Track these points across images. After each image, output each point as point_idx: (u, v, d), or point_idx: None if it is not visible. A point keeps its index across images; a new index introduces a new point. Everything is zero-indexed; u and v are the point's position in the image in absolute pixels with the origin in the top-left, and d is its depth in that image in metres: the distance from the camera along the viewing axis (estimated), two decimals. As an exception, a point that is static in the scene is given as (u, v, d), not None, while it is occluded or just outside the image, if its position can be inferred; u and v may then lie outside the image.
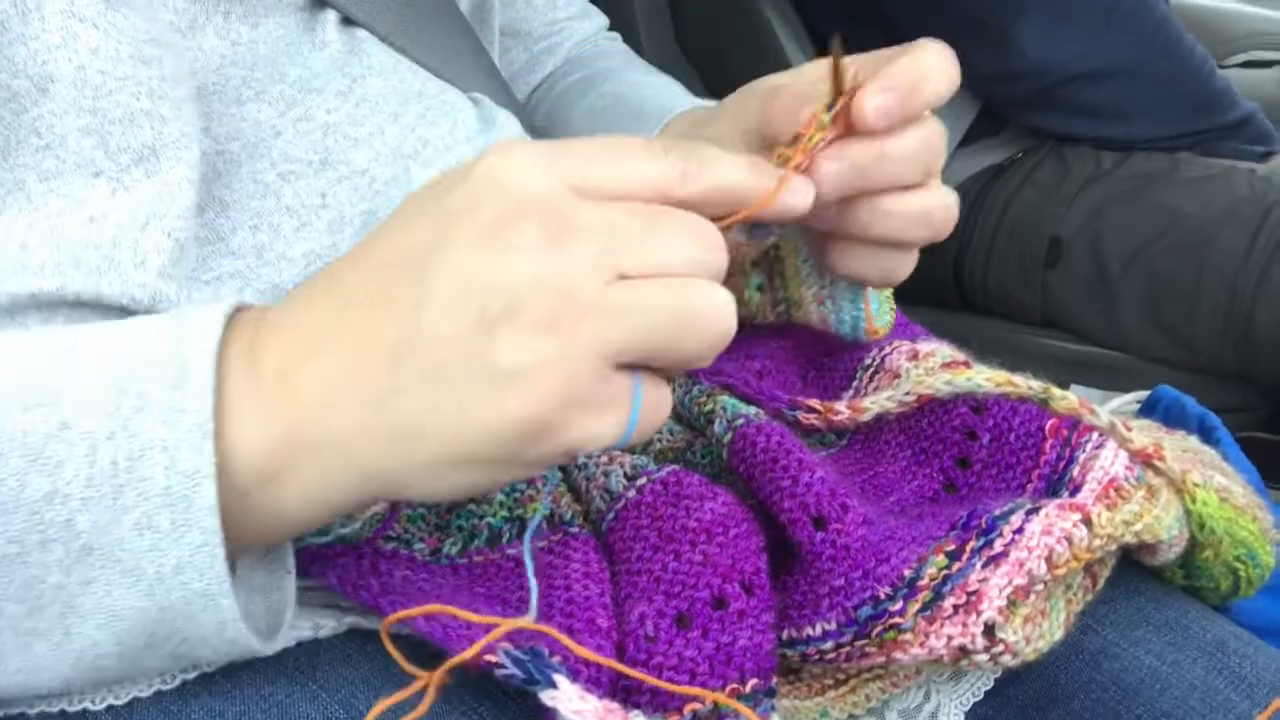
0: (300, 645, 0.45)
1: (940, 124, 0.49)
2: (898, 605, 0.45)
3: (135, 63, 0.45)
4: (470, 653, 0.38)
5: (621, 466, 0.50)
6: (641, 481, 0.49)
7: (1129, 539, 0.49)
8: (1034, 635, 0.46)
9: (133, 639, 0.39)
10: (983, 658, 0.45)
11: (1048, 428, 0.53)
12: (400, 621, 0.40)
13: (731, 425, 0.52)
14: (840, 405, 0.55)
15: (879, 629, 0.45)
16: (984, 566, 0.45)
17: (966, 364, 0.57)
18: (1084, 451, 0.52)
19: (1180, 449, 0.56)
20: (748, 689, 0.43)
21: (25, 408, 0.37)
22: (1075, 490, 0.50)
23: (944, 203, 0.50)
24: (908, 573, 0.46)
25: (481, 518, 0.49)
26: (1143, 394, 0.85)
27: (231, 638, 0.39)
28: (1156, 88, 1.37)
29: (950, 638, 0.44)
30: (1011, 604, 0.45)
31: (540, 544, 0.48)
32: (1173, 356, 1.31)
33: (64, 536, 0.37)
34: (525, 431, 0.36)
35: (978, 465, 0.54)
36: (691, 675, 0.42)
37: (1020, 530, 0.46)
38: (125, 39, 0.44)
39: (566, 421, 0.36)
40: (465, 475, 0.38)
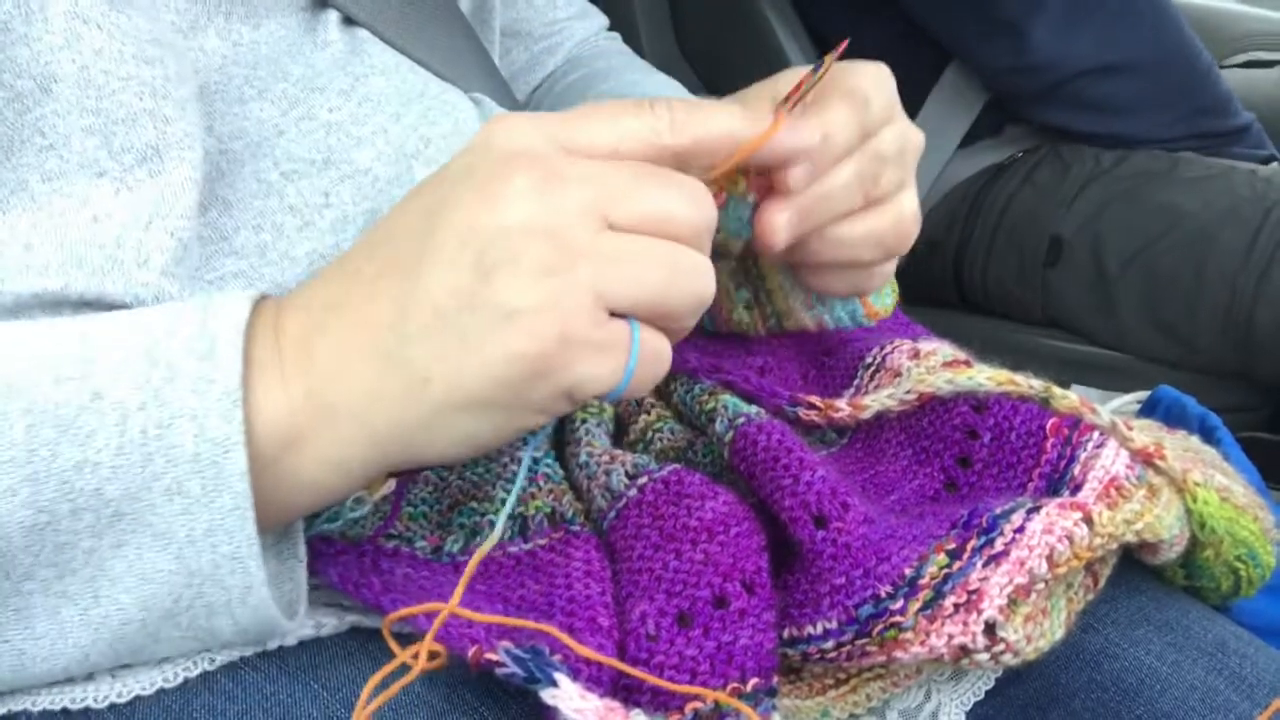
0: (302, 644, 0.46)
1: (885, 144, 0.50)
2: (899, 604, 0.45)
3: (138, 63, 0.45)
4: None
5: (623, 465, 0.50)
6: (643, 480, 0.49)
7: (1130, 538, 0.49)
8: (1035, 634, 0.46)
9: (158, 604, 0.40)
10: (983, 657, 0.45)
11: (1049, 427, 0.53)
12: (402, 620, 0.41)
13: (733, 424, 0.52)
14: (841, 402, 0.55)
15: (880, 628, 0.45)
16: (985, 565, 0.45)
17: (968, 363, 0.57)
18: (1085, 451, 0.52)
19: (1181, 448, 0.56)
20: (749, 688, 0.43)
21: (57, 380, 0.38)
22: (1076, 489, 0.50)
23: (894, 221, 0.51)
24: (909, 571, 0.46)
25: (483, 515, 0.49)
26: (1143, 394, 0.85)
27: (255, 604, 0.40)
28: (1164, 85, 1.37)
29: (951, 636, 0.44)
30: (1012, 603, 0.45)
31: (541, 542, 0.48)
32: (1173, 356, 1.31)
33: (94, 504, 0.38)
34: (526, 370, 0.38)
35: (979, 464, 0.54)
36: (693, 674, 0.42)
37: (1021, 529, 0.46)
38: (128, 39, 0.44)
39: (566, 361, 0.38)
40: (473, 422, 0.39)
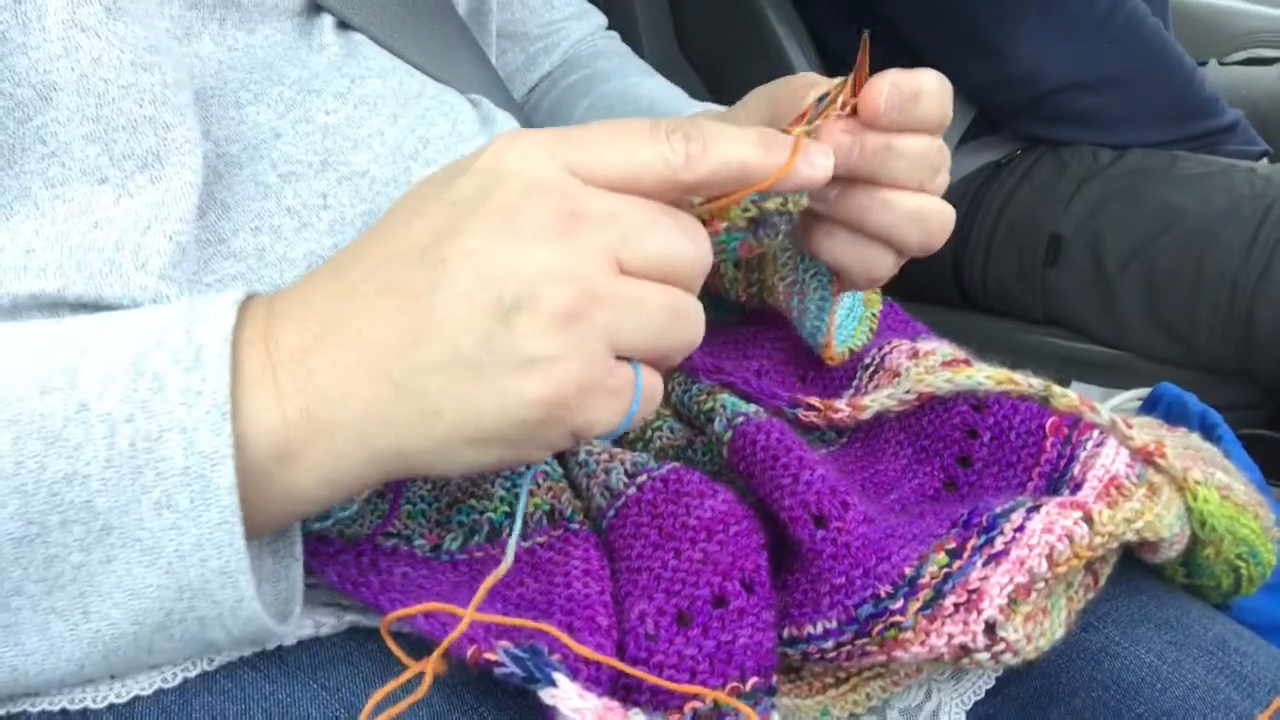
0: (301, 644, 0.45)
1: (943, 146, 0.51)
2: (898, 603, 0.45)
3: (137, 70, 0.45)
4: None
5: (622, 464, 0.50)
6: (642, 479, 0.48)
7: (1130, 537, 0.49)
8: (1035, 633, 0.46)
9: (149, 618, 0.39)
10: (984, 656, 0.45)
11: (1048, 426, 0.53)
12: (401, 619, 0.41)
13: (732, 423, 0.52)
14: (840, 403, 0.55)
15: (880, 627, 0.45)
16: (985, 565, 0.45)
17: (967, 362, 0.57)
18: (1085, 449, 0.52)
19: (1181, 446, 0.56)
20: (748, 687, 0.43)
21: (43, 391, 0.38)
22: (1076, 488, 0.50)
23: (943, 211, 0.51)
24: (909, 571, 0.46)
25: (481, 513, 0.49)
26: (1144, 391, 0.85)
27: (247, 617, 0.40)
28: (1147, 96, 1.38)
29: (951, 636, 0.44)
30: (1012, 602, 0.45)
31: (541, 540, 0.48)
32: (1173, 354, 1.31)
33: (84, 517, 0.37)
34: (542, 415, 0.38)
35: (978, 463, 0.54)
36: (692, 673, 0.42)
37: (1021, 528, 0.46)
38: (126, 47, 0.44)
39: (580, 406, 0.38)
40: (479, 454, 0.39)
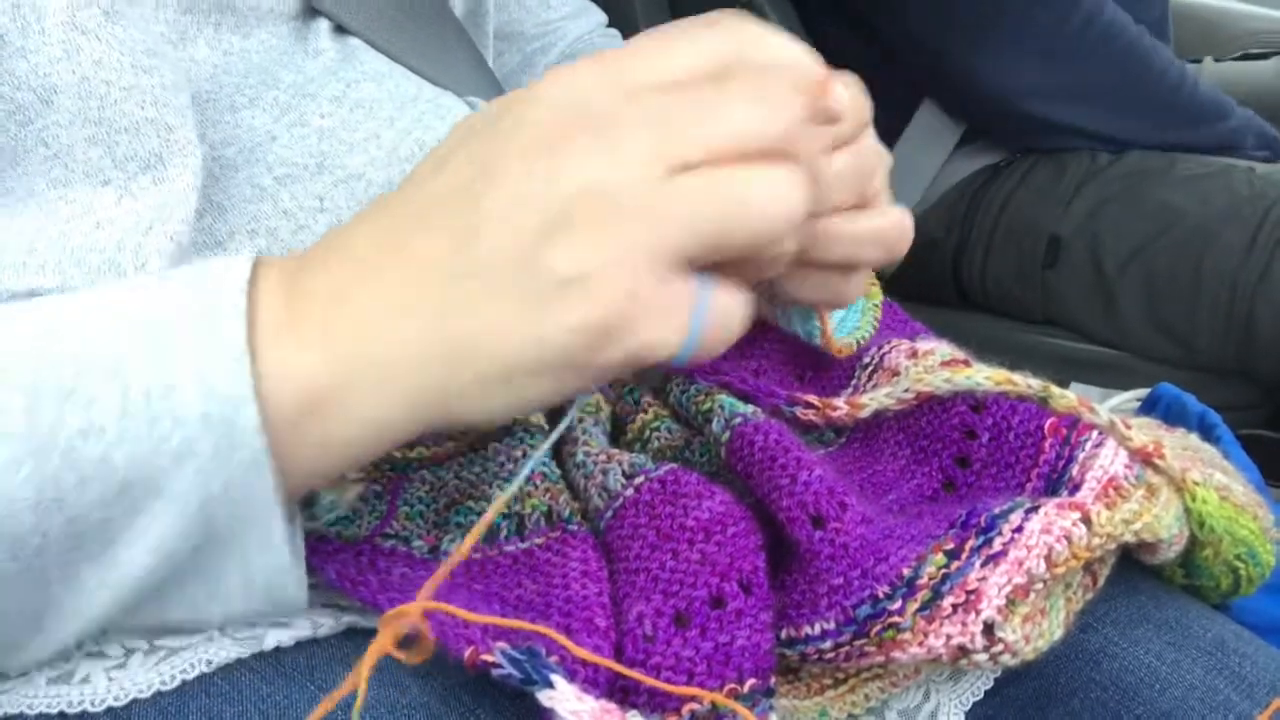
0: (298, 645, 0.45)
1: (877, 148, 0.47)
2: (896, 604, 0.45)
3: (137, 72, 0.45)
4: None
5: (620, 465, 0.50)
6: (640, 480, 0.48)
7: (1129, 538, 0.49)
8: (1033, 634, 0.46)
9: (180, 556, 0.39)
10: (982, 657, 0.45)
11: (1047, 426, 0.53)
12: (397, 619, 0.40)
13: (729, 424, 0.52)
14: (839, 401, 0.55)
15: (878, 628, 0.45)
16: (983, 565, 0.45)
17: (966, 362, 0.57)
18: (1083, 450, 0.51)
19: (1180, 447, 0.56)
20: (746, 689, 0.42)
21: (53, 354, 0.37)
22: (1075, 489, 0.50)
23: (897, 222, 0.48)
24: (906, 572, 0.45)
25: (480, 514, 0.49)
26: (1143, 392, 0.85)
27: (275, 567, 0.39)
28: (1129, 109, 1.37)
29: (949, 637, 0.44)
30: (1011, 603, 0.45)
31: (538, 541, 0.48)
32: (1172, 355, 1.31)
33: (102, 473, 0.37)
34: (588, 340, 0.36)
35: (977, 464, 0.54)
36: (689, 675, 0.42)
37: (1019, 529, 0.46)
38: (126, 50, 0.44)
39: (629, 326, 0.36)
40: (524, 390, 0.37)
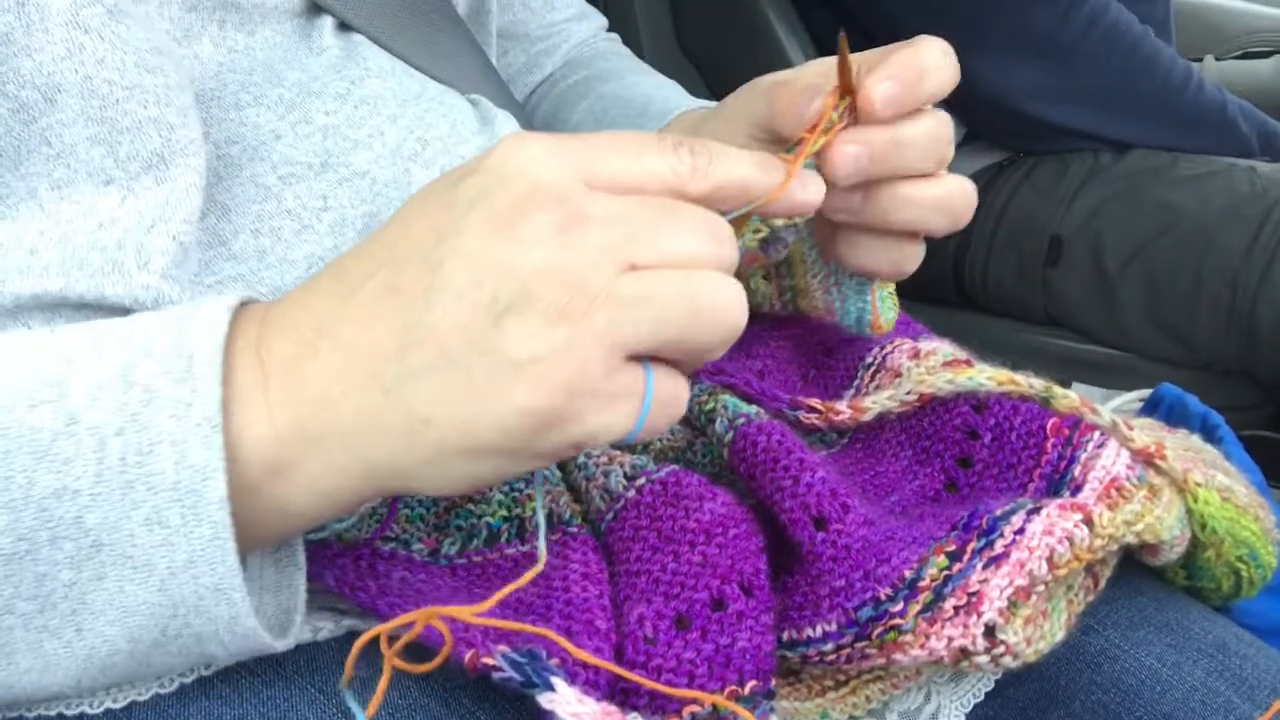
0: (299, 648, 0.45)
1: (947, 116, 0.49)
2: (898, 606, 0.45)
3: (141, 71, 0.45)
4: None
5: (621, 466, 0.50)
6: (641, 482, 0.48)
7: (1130, 539, 0.49)
8: (1035, 636, 0.46)
9: (144, 635, 0.39)
10: (983, 659, 0.45)
11: (1049, 427, 0.53)
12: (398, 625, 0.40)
13: (732, 424, 0.52)
14: (841, 405, 0.55)
15: (879, 630, 0.45)
16: (985, 567, 0.45)
17: (968, 362, 0.56)
18: (1085, 451, 0.51)
19: (1182, 448, 0.56)
20: (747, 691, 0.42)
21: (32, 404, 0.37)
22: (1077, 490, 0.50)
23: (964, 190, 0.50)
24: (908, 573, 0.45)
25: (480, 518, 0.49)
26: (1145, 392, 0.85)
27: (243, 633, 0.39)
28: (1134, 110, 1.36)
29: (951, 639, 0.44)
30: (1012, 605, 0.45)
31: (539, 542, 0.48)
32: (1174, 355, 1.31)
33: (74, 533, 0.37)
34: (535, 422, 0.36)
35: (979, 465, 0.54)
36: (690, 677, 0.42)
37: (1021, 530, 0.46)
38: (130, 49, 0.44)
39: (577, 412, 0.36)
40: (473, 466, 0.38)
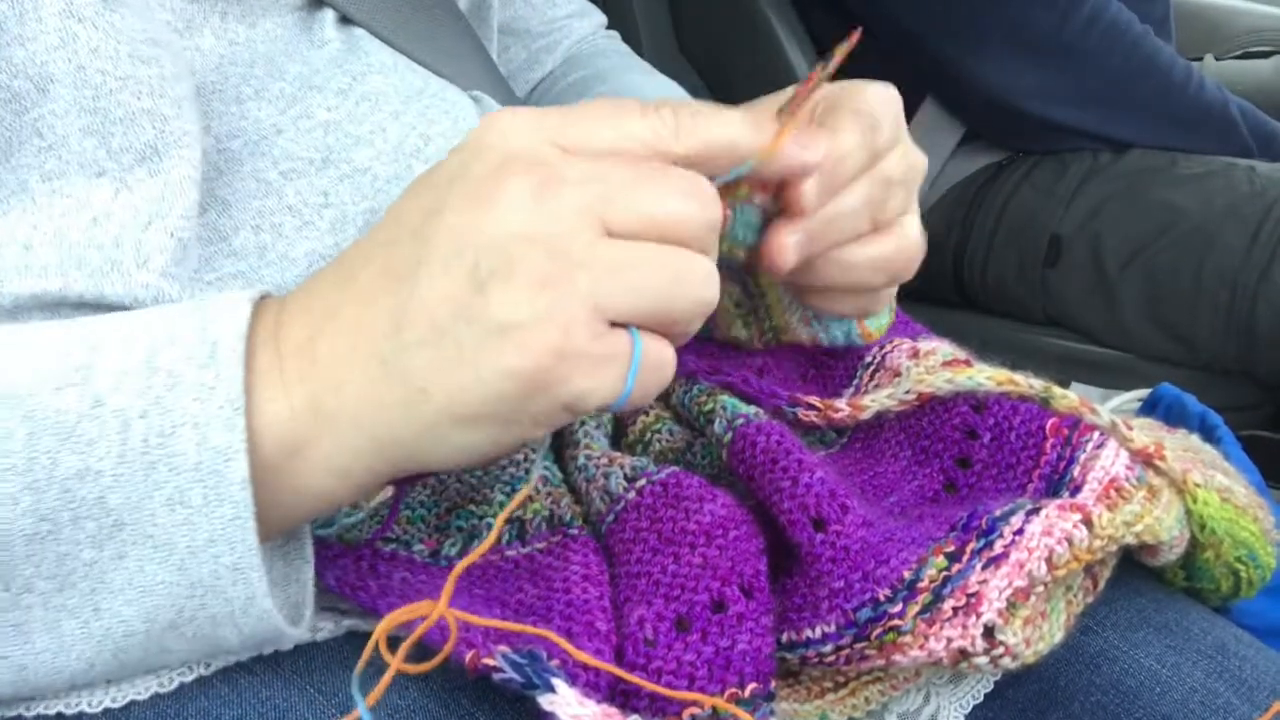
0: (298, 649, 0.45)
1: (894, 170, 0.49)
2: (897, 607, 0.45)
3: (135, 62, 0.45)
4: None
5: (621, 468, 0.50)
6: (641, 483, 0.48)
7: (1130, 540, 0.49)
8: (1034, 637, 0.46)
9: (161, 616, 0.39)
10: (982, 660, 0.45)
11: (1048, 427, 0.53)
12: (402, 625, 0.40)
13: (731, 425, 0.52)
14: (840, 403, 0.55)
15: (878, 631, 0.45)
16: (984, 568, 0.45)
17: (967, 362, 0.56)
18: (1085, 451, 0.51)
19: (1181, 448, 0.56)
20: (747, 693, 0.42)
21: (57, 388, 0.38)
22: (1076, 490, 0.50)
23: (902, 247, 0.50)
24: (907, 574, 0.45)
25: (480, 519, 0.49)
26: (1144, 392, 0.85)
27: (258, 615, 0.40)
28: (1134, 110, 1.36)
29: (950, 640, 0.44)
30: (1011, 606, 0.45)
31: (540, 545, 0.48)
32: (1173, 354, 1.31)
33: (95, 513, 0.37)
34: (524, 385, 0.37)
35: (978, 465, 0.54)
36: (690, 680, 0.42)
37: (1020, 531, 0.46)
38: (124, 39, 0.44)
39: (565, 375, 0.37)
40: (470, 435, 0.38)
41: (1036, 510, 0.47)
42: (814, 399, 0.56)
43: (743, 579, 0.44)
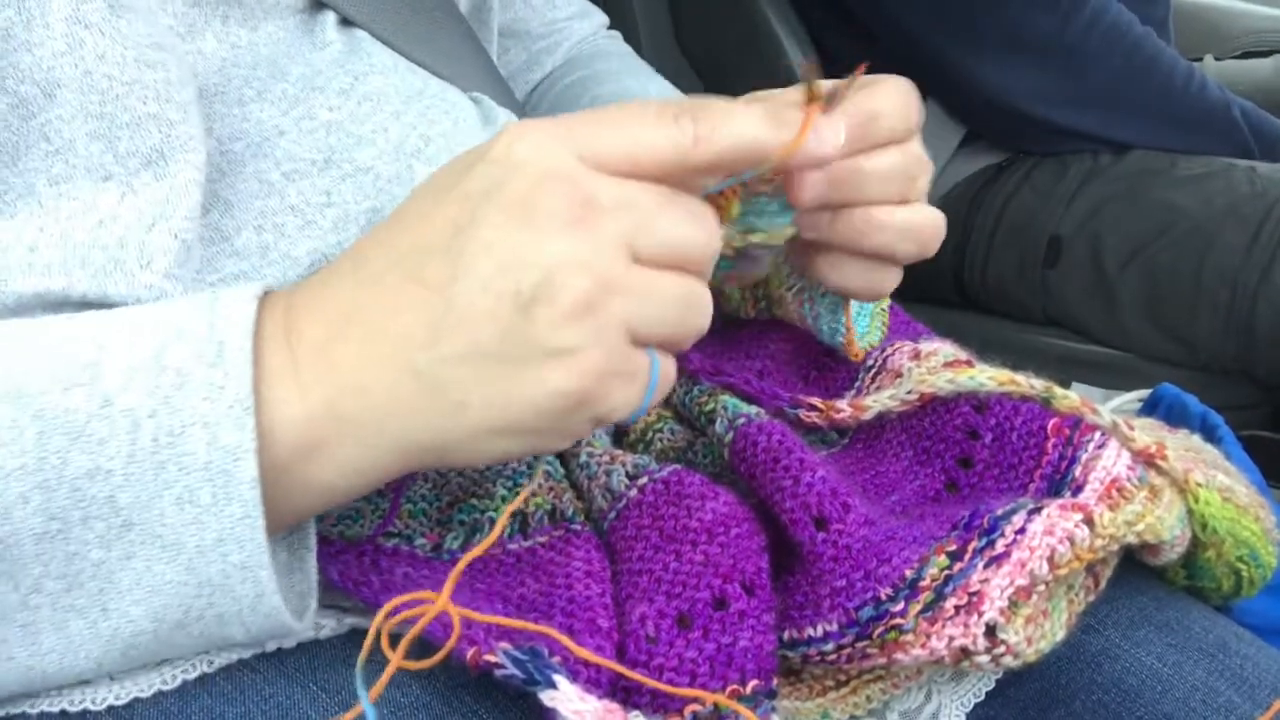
0: (300, 646, 0.46)
1: (922, 154, 0.50)
2: (899, 606, 0.45)
3: (141, 67, 0.45)
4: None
5: (623, 466, 0.50)
6: (643, 481, 0.48)
7: (1131, 539, 0.49)
8: (1035, 636, 0.46)
9: (169, 615, 0.39)
10: (984, 659, 0.45)
11: (1050, 427, 0.53)
12: (404, 621, 0.40)
13: (733, 424, 0.52)
14: (842, 403, 0.55)
15: (880, 630, 0.45)
16: (986, 567, 0.45)
17: (969, 363, 0.57)
18: (1086, 451, 0.51)
19: (1182, 448, 0.56)
20: (748, 690, 0.43)
21: (66, 387, 0.38)
22: (1077, 490, 0.50)
23: (932, 220, 0.51)
24: (909, 573, 0.45)
25: (483, 513, 0.49)
26: (1144, 392, 0.85)
27: (266, 612, 0.40)
28: (1135, 111, 1.36)
29: (951, 638, 0.44)
30: (1013, 604, 0.45)
31: (541, 539, 0.48)
32: (1174, 354, 1.31)
33: (105, 513, 0.38)
34: (569, 404, 0.39)
35: (980, 465, 0.54)
36: (692, 676, 0.42)
37: (1022, 530, 0.46)
38: (130, 44, 0.44)
39: (603, 394, 0.39)
40: (507, 443, 0.40)
41: (1038, 510, 0.47)
42: (816, 400, 0.56)
43: (744, 576, 0.45)
